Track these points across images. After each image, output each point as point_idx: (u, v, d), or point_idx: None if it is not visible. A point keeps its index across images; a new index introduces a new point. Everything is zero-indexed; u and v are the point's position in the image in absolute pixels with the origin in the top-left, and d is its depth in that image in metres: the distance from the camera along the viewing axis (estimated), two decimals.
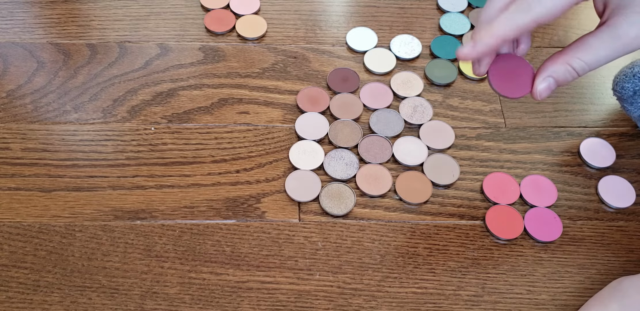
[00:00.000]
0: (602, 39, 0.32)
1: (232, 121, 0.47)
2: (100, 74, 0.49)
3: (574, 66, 0.33)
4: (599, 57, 0.32)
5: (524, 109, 0.50)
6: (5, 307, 0.39)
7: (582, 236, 0.44)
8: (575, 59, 0.32)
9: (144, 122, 0.47)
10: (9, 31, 0.51)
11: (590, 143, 0.48)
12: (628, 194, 0.45)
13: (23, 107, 0.47)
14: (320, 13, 0.54)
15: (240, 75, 0.50)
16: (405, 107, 0.49)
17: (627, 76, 0.44)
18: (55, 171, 0.44)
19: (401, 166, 0.46)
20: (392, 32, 0.54)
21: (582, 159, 0.47)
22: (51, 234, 0.42)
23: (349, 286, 0.41)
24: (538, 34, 0.54)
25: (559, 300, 0.41)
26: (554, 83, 0.34)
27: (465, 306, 0.40)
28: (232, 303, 0.40)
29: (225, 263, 0.41)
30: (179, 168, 0.45)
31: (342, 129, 0.47)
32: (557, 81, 0.33)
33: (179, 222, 0.43)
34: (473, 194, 0.45)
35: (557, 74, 0.33)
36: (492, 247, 0.43)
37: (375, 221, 0.44)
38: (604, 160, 0.47)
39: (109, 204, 0.43)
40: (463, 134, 0.48)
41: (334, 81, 0.50)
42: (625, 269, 0.42)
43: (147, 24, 0.52)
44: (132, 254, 0.41)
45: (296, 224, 0.43)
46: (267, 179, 0.45)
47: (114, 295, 0.40)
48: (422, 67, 0.51)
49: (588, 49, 0.32)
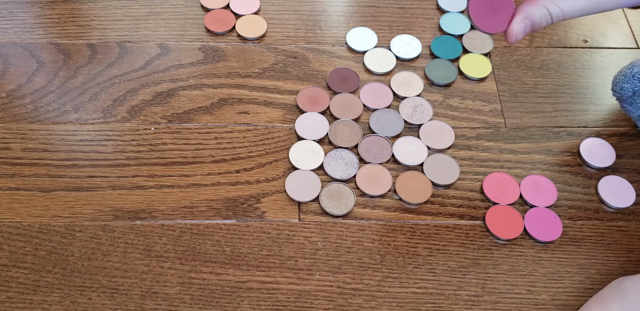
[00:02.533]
0: None
1: (232, 121, 0.47)
2: (100, 74, 0.49)
3: (551, 11, 0.32)
4: (576, 7, 0.32)
5: (524, 109, 0.50)
6: (5, 307, 0.39)
7: (582, 236, 0.44)
8: (553, 4, 0.32)
9: (144, 122, 0.47)
10: (9, 31, 0.51)
11: (590, 143, 0.48)
12: (628, 194, 0.45)
13: (23, 107, 0.47)
14: (320, 13, 0.54)
15: (240, 75, 0.50)
16: (405, 107, 0.49)
17: (627, 77, 0.44)
18: (55, 171, 0.44)
19: (401, 166, 0.46)
20: (392, 32, 0.54)
21: (582, 159, 0.47)
22: (51, 234, 0.42)
23: (349, 286, 0.41)
24: (538, 34, 0.54)
25: (559, 300, 0.41)
26: (529, 26, 0.33)
27: (465, 306, 0.40)
28: (232, 303, 0.40)
29: (225, 263, 0.41)
30: (179, 168, 0.45)
31: (342, 129, 0.47)
32: (532, 23, 0.33)
33: (179, 222, 0.43)
34: (473, 194, 0.45)
35: (534, 17, 0.33)
36: (492, 247, 0.43)
37: (375, 221, 0.44)
38: (603, 160, 0.47)
39: (109, 204, 0.43)
40: (463, 134, 0.48)
41: (334, 81, 0.50)
42: (625, 269, 0.42)
43: (147, 24, 0.52)
44: (132, 254, 0.41)
45: (296, 224, 0.43)
46: (267, 179, 0.45)
47: (114, 295, 0.40)
48: (422, 67, 0.51)
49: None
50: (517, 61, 0.52)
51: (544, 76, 0.52)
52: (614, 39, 0.54)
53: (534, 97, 0.50)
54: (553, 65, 0.52)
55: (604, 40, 0.54)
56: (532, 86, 0.51)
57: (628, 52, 0.54)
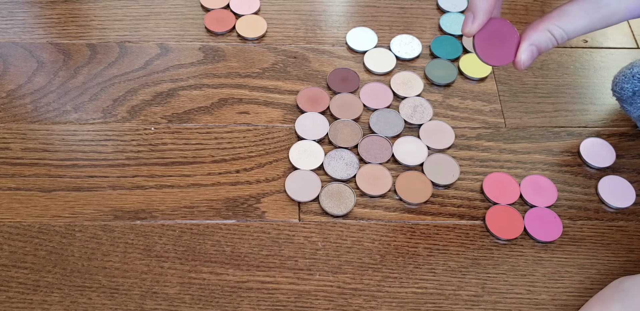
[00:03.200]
0: (583, 8, 0.32)
1: (232, 121, 0.47)
2: (100, 74, 0.49)
3: (554, 34, 0.32)
4: (578, 27, 0.32)
5: (524, 109, 0.50)
6: (5, 307, 0.39)
7: (582, 236, 0.44)
8: (555, 27, 0.32)
9: (144, 122, 0.47)
10: (9, 31, 0.51)
11: (590, 143, 0.48)
12: (628, 194, 0.45)
13: (23, 107, 0.47)
14: (320, 13, 0.54)
15: (240, 75, 0.50)
16: (405, 107, 0.49)
17: (626, 77, 0.44)
18: (55, 171, 0.44)
19: (401, 166, 0.46)
20: (392, 32, 0.54)
21: (582, 159, 0.47)
22: (51, 234, 0.42)
23: (349, 286, 0.41)
24: None
25: (559, 300, 0.41)
26: (536, 51, 0.33)
27: (465, 306, 0.40)
28: (232, 303, 0.40)
29: (225, 263, 0.41)
30: (179, 168, 0.45)
31: (342, 129, 0.47)
32: (539, 48, 0.33)
33: (179, 222, 0.43)
34: (473, 194, 0.45)
35: (539, 42, 0.33)
36: (492, 247, 0.43)
37: (375, 221, 0.44)
38: (603, 160, 0.47)
39: (109, 204, 0.43)
40: (463, 134, 0.48)
41: (334, 81, 0.50)
42: (625, 269, 0.42)
43: (147, 24, 0.52)
44: (132, 254, 0.41)
45: (296, 224, 0.43)
46: (267, 179, 0.45)
47: (114, 295, 0.40)
48: (422, 67, 0.51)
49: (568, 17, 0.32)
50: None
51: (544, 76, 0.52)
52: (614, 39, 0.54)
53: (534, 97, 0.50)
54: (553, 65, 0.52)
55: (604, 40, 0.54)
56: (532, 86, 0.51)
57: (628, 52, 0.54)
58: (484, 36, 0.34)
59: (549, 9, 0.56)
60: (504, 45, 0.34)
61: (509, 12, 0.56)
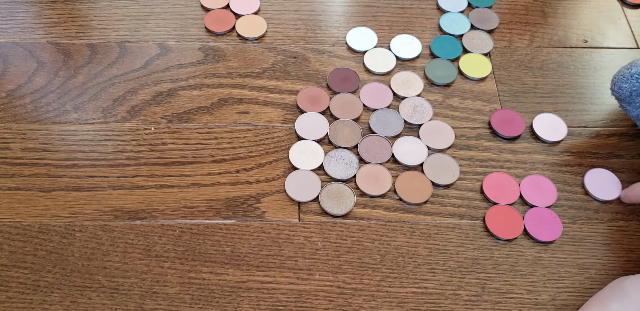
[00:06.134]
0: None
1: (232, 121, 0.47)
2: (100, 74, 0.49)
3: None
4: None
5: (524, 109, 0.50)
6: (5, 307, 0.39)
7: (582, 236, 0.44)
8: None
9: (144, 122, 0.47)
10: (9, 31, 0.51)
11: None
12: (614, 187, 0.45)
13: (23, 107, 0.47)
14: (320, 13, 0.54)
15: (240, 75, 0.50)
16: (405, 107, 0.49)
17: (625, 76, 0.44)
18: (55, 171, 0.44)
19: (401, 166, 0.46)
20: (392, 32, 0.54)
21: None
22: (51, 234, 0.42)
23: (349, 286, 0.41)
24: (538, 33, 0.54)
25: (559, 300, 0.41)
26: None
27: (465, 306, 0.40)
28: (232, 303, 0.40)
29: (225, 263, 0.41)
30: (179, 167, 0.45)
31: (342, 129, 0.47)
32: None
33: (178, 222, 0.43)
34: (473, 194, 0.45)
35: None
36: (492, 247, 0.43)
37: (375, 221, 0.44)
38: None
39: (109, 204, 0.43)
40: (463, 134, 0.48)
41: (334, 81, 0.50)
42: (625, 269, 0.42)
43: (147, 24, 0.52)
44: (132, 254, 0.41)
45: (296, 224, 0.43)
46: (267, 179, 0.45)
47: (114, 295, 0.40)
48: (422, 67, 0.51)
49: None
50: (517, 61, 0.52)
51: (544, 76, 0.52)
52: (614, 39, 0.54)
53: (534, 97, 0.50)
54: (553, 65, 0.52)
55: (604, 40, 0.54)
56: (532, 86, 0.51)
57: (628, 52, 0.54)
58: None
59: (549, 9, 0.56)
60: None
61: (509, 12, 0.56)
